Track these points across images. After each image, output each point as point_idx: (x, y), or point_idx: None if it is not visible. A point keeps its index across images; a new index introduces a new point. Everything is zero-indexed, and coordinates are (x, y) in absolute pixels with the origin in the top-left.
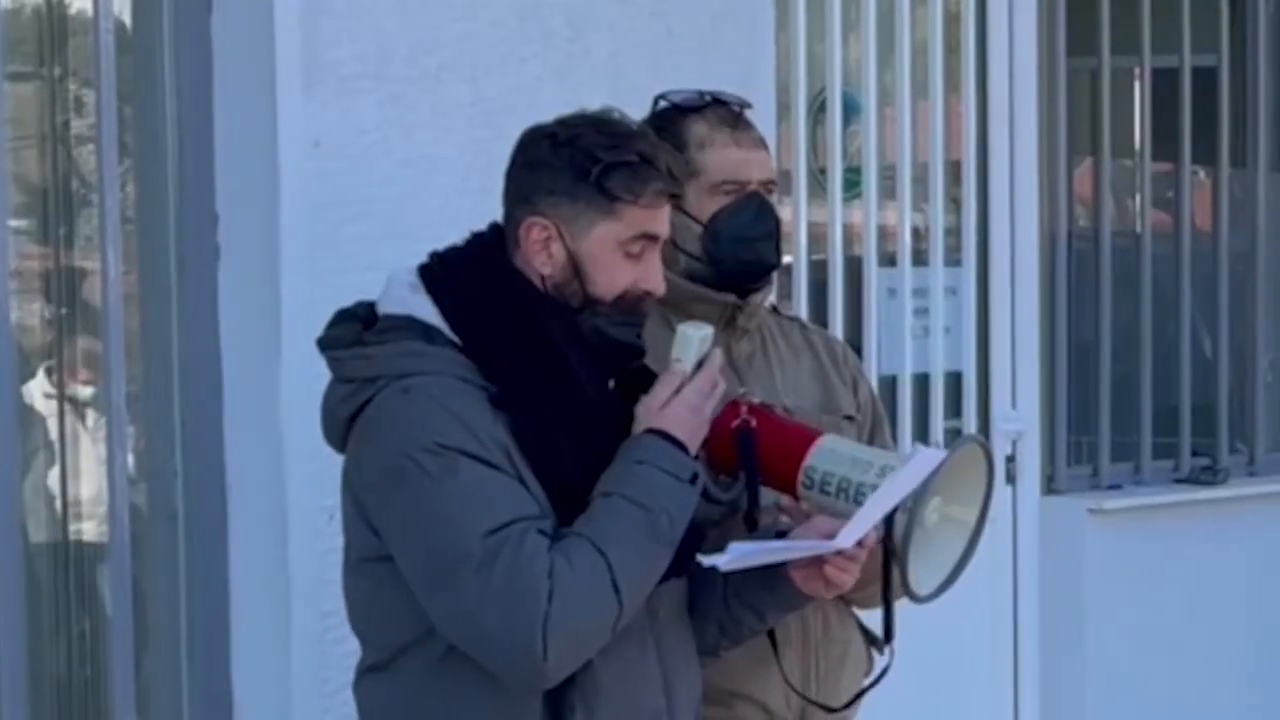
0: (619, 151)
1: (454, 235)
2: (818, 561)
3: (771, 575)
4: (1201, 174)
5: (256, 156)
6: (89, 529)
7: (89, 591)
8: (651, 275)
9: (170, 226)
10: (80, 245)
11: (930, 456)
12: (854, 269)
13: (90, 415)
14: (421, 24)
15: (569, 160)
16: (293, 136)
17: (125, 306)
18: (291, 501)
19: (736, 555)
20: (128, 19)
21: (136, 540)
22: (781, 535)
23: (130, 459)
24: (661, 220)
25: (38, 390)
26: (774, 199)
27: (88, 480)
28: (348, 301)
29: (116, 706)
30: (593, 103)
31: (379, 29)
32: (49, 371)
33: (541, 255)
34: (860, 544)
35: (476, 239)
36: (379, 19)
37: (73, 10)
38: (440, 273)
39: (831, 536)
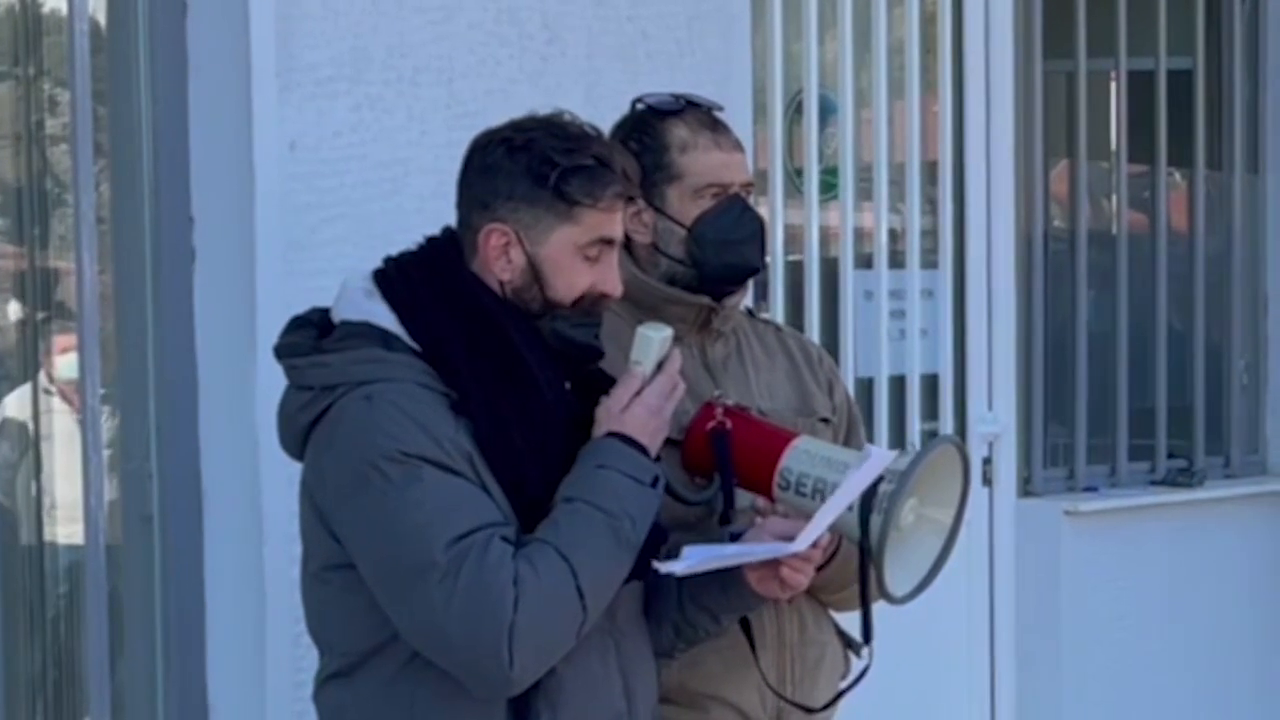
0: (575, 155)
1: None
2: (773, 563)
3: (726, 578)
4: (1177, 176)
5: (231, 159)
6: (64, 531)
7: (64, 593)
8: (609, 277)
9: (145, 228)
10: (54, 246)
11: (883, 457)
12: (830, 271)
13: (65, 417)
14: (397, 27)
15: (526, 165)
16: (268, 139)
17: (100, 307)
18: (267, 504)
19: (692, 561)
20: (102, 19)
21: (111, 542)
22: (736, 538)
23: (105, 461)
24: (617, 223)
25: (12, 392)
26: (750, 200)
27: (63, 482)
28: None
29: (92, 709)
30: (569, 105)
31: (354, 32)
32: (24, 373)
33: (501, 261)
34: (814, 545)
35: (430, 244)
36: (354, 22)
37: (47, 9)
38: (397, 279)
39: (786, 538)
